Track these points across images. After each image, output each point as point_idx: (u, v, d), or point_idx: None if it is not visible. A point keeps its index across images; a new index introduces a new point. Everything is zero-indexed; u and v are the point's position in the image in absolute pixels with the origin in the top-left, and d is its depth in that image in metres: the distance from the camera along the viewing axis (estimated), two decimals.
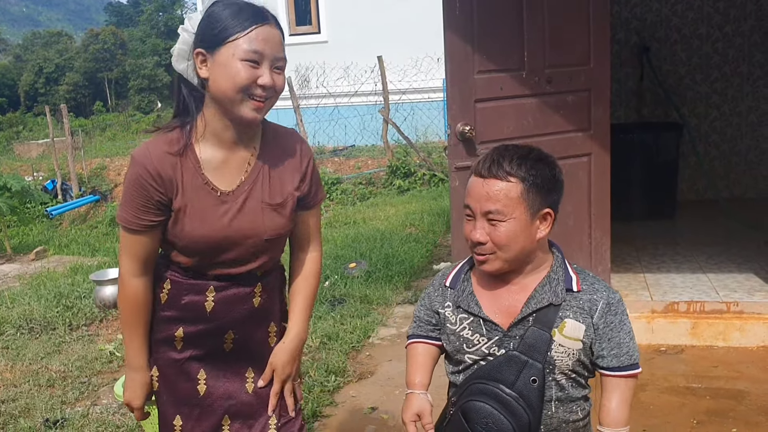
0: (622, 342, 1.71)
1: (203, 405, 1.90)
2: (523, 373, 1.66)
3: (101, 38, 40.93)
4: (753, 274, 4.50)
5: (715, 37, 6.56)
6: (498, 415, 1.64)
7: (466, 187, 1.76)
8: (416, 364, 1.86)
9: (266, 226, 1.81)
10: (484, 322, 1.72)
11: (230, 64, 1.66)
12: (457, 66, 3.52)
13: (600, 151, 3.80)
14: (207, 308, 1.84)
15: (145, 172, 1.73)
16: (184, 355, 1.88)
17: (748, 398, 3.38)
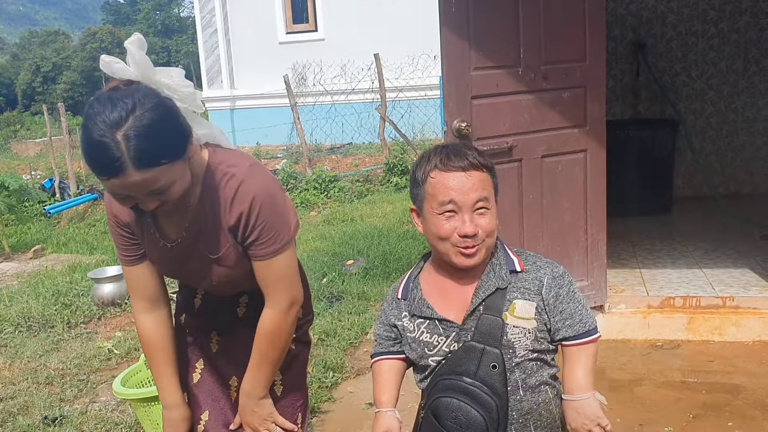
0: (573, 311, 1.75)
1: (191, 393, 1.98)
2: (483, 361, 1.67)
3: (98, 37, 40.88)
4: (748, 269, 4.51)
5: (711, 33, 6.58)
6: (466, 406, 1.65)
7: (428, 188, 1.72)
8: (382, 382, 1.86)
9: (213, 274, 1.80)
10: (439, 322, 1.75)
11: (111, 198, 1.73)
12: (453, 63, 3.53)
13: (596, 147, 3.81)
14: (195, 304, 1.97)
15: (110, 215, 1.83)
16: (189, 339, 2.01)
17: (743, 392, 3.40)
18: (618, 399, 3.40)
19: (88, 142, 1.48)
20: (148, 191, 1.53)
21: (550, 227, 3.82)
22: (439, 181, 1.69)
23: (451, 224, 1.69)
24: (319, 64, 13.92)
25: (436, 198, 1.69)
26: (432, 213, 1.71)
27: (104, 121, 1.45)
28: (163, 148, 1.50)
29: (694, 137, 6.67)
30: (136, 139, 1.45)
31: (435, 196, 1.69)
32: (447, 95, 3.57)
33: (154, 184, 1.52)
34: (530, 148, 3.70)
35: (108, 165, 1.46)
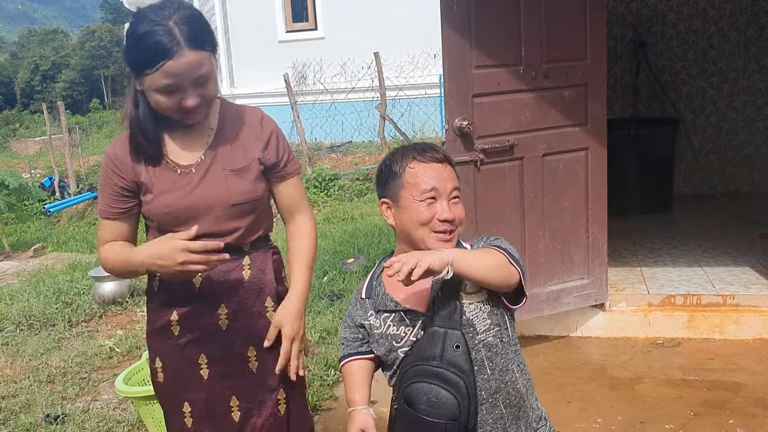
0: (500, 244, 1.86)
1: (208, 389, 1.92)
2: (446, 344, 1.72)
3: (97, 35, 40.86)
4: (749, 267, 4.52)
5: (711, 32, 6.58)
6: (436, 388, 1.69)
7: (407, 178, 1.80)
8: (353, 382, 1.89)
9: (231, 191, 1.85)
10: (405, 313, 1.80)
11: (151, 94, 1.75)
12: (454, 61, 3.53)
13: (597, 145, 3.82)
14: (195, 284, 1.89)
15: (108, 161, 1.86)
16: (182, 341, 1.91)
17: (744, 390, 3.40)
18: (619, 397, 3.41)
19: (141, 33, 1.68)
20: (195, 77, 1.71)
21: (551, 225, 3.83)
22: (419, 170, 1.79)
23: (431, 210, 1.77)
24: (319, 63, 13.92)
25: (418, 186, 1.78)
26: (412, 200, 1.79)
27: (155, 14, 1.68)
28: (207, 35, 1.74)
29: (694, 136, 6.68)
30: (185, 24, 1.69)
31: (416, 184, 1.79)
32: (448, 93, 3.57)
33: (200, 69, 1.71)
34: (531, 147, 3.71)
35: (164, 47, 1.66)
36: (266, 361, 1.95)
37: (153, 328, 1.94)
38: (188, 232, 1.76)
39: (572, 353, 3.93)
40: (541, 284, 3.84)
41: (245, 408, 1.94)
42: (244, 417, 1.94)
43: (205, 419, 1.93)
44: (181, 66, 1.68)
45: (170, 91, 1.72)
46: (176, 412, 1.94)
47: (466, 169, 3.62)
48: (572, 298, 3.96)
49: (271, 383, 1.95)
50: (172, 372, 1.93)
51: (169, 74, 1.68)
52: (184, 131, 1.87)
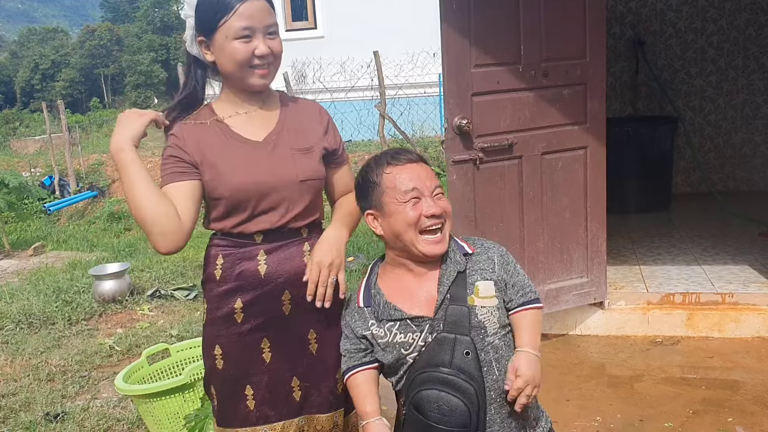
0: (523, 283, 1.88)
1: (271, 371, 1.96)
2: (456, 350, 1.74)
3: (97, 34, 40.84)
4: (747, 265, 4.53)
5: (710, 30, 6.59)
6: (446, 395, 1.70)
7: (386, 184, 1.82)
8: (361, 394, 1.88)
9: (298, 168, 1.91)
10: (411, 320, 1.80)
11: (227, 45, 1.82)
12: (453, 60, 3.53)
13: (596, 144, 3.82)
14: (261, 272, 1.91)
15: (172, 137, 1.88)
16: (245, 327, 1.93)
17: (743, 388, 3.41)
18: (618, 395, 3.42)
19: None
20: (267, 24, 1.83)
21: (550, 224, 3.84)
22: (396, 174, 1.82)
23: (416, 209, 1.79)
24: (318, 62, 13.91)
25: (399, 189, 1.80)
26: (396, 203, 1.80)
27: None
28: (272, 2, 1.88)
29: (693, 134, 6.69)
30: None
31: (397, 187, 1.81)
32: (447, 92, 3.57)
33: (271, 17, 1.84)
34: (531, 145, 3.71)
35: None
36: (326, 342, 1.99)
37: (215, 317, 1.95)
38: None
39: (571, 351, 3.93)
40: (539, 282, 3.85)
41: (305, 388, 1.99)
42: (304, 396, 1.99)
43: (268, 401, 1.96)
44: (255, 8, 1.80)
45: (246, 36, 1.80)
46: (237, 397, 1.96)
47: (465, 168, 3.62)
48: (571, 296, 3.97)
49: (330, 364, 1.99)
50: (233, 358, 1.95)
51: (245, 16, 1.79)
52: (247, 115, 1.93)
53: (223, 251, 1.93)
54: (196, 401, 2.94)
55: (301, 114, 2.00)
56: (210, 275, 1.96)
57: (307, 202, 1.94)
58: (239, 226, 1.90)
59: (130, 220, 11.11)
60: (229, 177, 1.85)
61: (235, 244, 1.92)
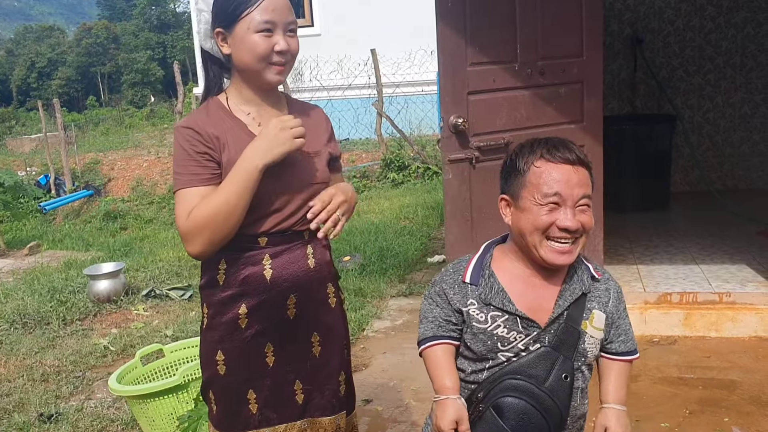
0: (628, 329, 1.81)
1: (274, 375, 1.93)
2: (555, 370, 1.67)
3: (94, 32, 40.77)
4: (745, 265, 4.52)
5: (708, 28, 6.57)
6: (534, 411, 1.64)
7: (530, 177, 1.68)
8: (443, 366, 1.74)
9: (312, 170, 1.92)
10: (521, 319, 1.69)
11: (247, 38, 1.81)
12: (450, 58, 3.51)
13: (593, 142, 3.80)
14: (266, 276, 1.87)
15: (188, 131, 1.83)
16: (249, 333, 1.90)
17: (740, 388, 3.40)
18: None
19: None
20: (288, 21, 1.83)
21: None
22: (545, 171, 1.66)
23: (551, 216, 1.65)
24: (315, 60, 13.89)
25: (540, 189, 1.65)
26: (533, 202, 1.66)
27: None
28: None
29: (692, 133, 6.67)
30: None
31: (539, 186, 1.66)
32: (444, 91, 3.55)
33: (291, 14, 1.85)
34: None
35: None
36: (329, 345, 1.98)
37: (218, 322, 1.91)
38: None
39: None
40: None
41: (308, 390, 1.97)
42: (306, 399, 1.98)
43: (270, 404, 1.95)
44: (278, 3, 1.82)
45: (267, 29, 1.80)
46: (239, 401, 1.94)
47: (461, 167, 3.60)
48: None
49: (332, 367, 1.99)
50: (236, 364, 1.92)
51: (269, 9, 1.80)
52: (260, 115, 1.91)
53: (225, 255, 1.86)
54: (190, 402, 2.92)
55: (310, 118, 2.00)
56: (211, 280, 1.91)
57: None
58: (246, 227, 1.85)
59: (126, 220, 11.10)
60: None
61: (239, 247, 1.86)
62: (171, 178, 12.22)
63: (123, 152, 14.80)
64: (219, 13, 1.85)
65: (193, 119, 1.88)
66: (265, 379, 1.93)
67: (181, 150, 1.83)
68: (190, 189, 1.81)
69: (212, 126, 1.85)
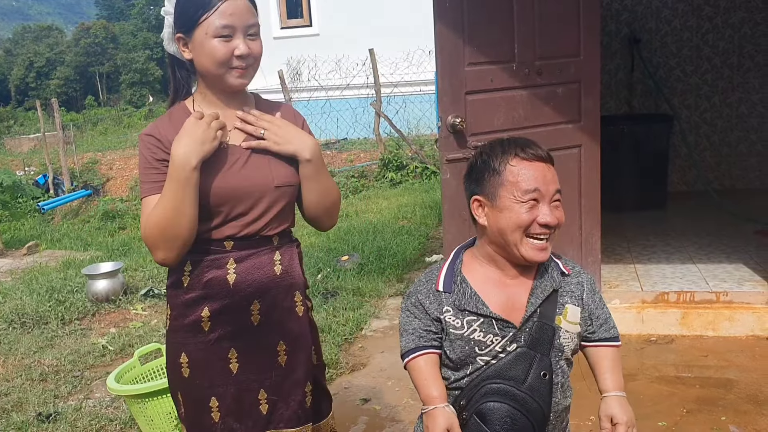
0: (607, 317, 1.83)
1: (238, 382, 1.91)
2: (534, 369, 1.68)
3: (92, 32, 40.69)
4: (742, 264, 4.53)
5: (706, 28, 6.58)
6: (517, 413, 1.65)
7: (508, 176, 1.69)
8: (428, 377, 1.75)
9: (273, 174, 1.87)
10: (496, 321, 1.70)
11: (206, 43, 1.79)
12: (447, 58, 3.52)
13: (590, 142, 3.81)
14: (230, 281, 1.86)
15: (151, 139, 1.85)
16: (212, 336, 1.89)
17: (737, 387, 3.41)
18: None
19: None
20: (248, 25, 1.80)
21: None
22: (521, 169, 1.69)
23: (532, 213, 1.68)
24: (313, 60, 13.90)
25: (520, 186, 1.68)
26: (513, 200, 1.68)
27: None
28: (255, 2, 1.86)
29: (689, 132, 6.68)
30: None
31: (518, 184, 1.68)
32: (441, 91, 3.56)
33: (252, 17, 1.82)
34: None
35: None
36: (295, 355, 1.95)
37: (180, 324, 1.91)
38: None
39: None
40: None
41: (272, 401, 1.94)
42: (271, 410, 1.94)
43: (233, 413, 1.92)
44: (237, 7, 1.79)
45: (226, 35, 1.78)
46: (202, 408, 1.92)
47: (459, 167, 3.61)
48: None
49: (298, 376, 1.96)
50: (199, 367, 1.91)
51: (227, 14, 1.77)
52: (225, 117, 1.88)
53: (191, 257, 1.86)
54: None
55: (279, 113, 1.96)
56: (176, 281, 1.90)
57: (280, 208, 1.89)
58: (210, 231, 1.85)
59: (124, 219, 11.09)
60: (203, 181, 1.80)
61: (204, 250, 1.86)
62: None
63: (121, 152, 14.79)
64: (179, 18, 1.83)
65: (154, 126, 1.88)
66: (229, 386, 1.90)
67: (142, 158, 1.85)
68: (152, 197, 1.82)
69: (173, 132, 1.82)
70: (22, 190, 10.57)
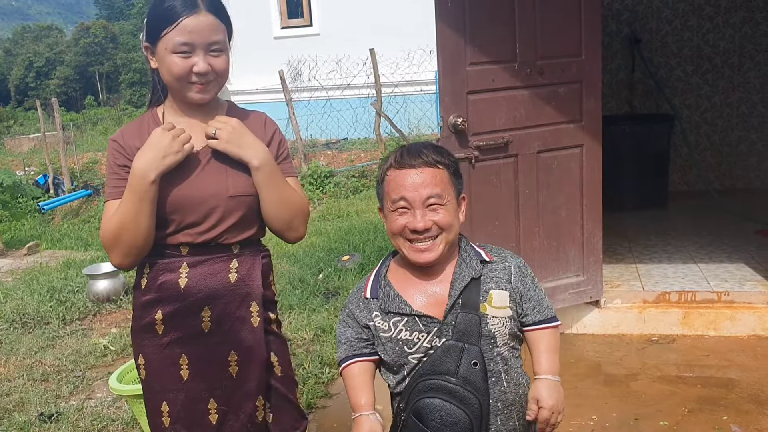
0: (540, 298, 1.83)
1: (187, 390, 1.92)
2: (463, 359, 1.70)
3: (92, 32, 40.71)
4: (743, 263, 4.53)
5: (706, 28, 6.59)
6: (449, 405, 1.66)
7: (385, 186, 1.80)
8: (357, 385, 1.80)
9: (229, 183, 1.87)
10: (419, 318, 1.75)
11: (166, 57, 1.81)
12: (449, 58, 3.52)
13: (591, 142, 3.81)
14: (181, 285, 1.88)
15: (115, 144, 1.89)
16: (165, 340, 1.90)
17: (738, 386, 3.41)
18: (613, 393, 3.41)
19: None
20: (209, 42, 1.80)
21: (546, 222, 3.83)
22: (393, 179, 1.76)
23: (403, 220, 1.74)
24: (314, 59, 13.88)
25: (390, 195, 1.76)
26: (388, 209, 1.78)
27: None
28: (224, 11, 1.87)
29: (690, 132, 6.68)
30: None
31: (389, 193, 1.77)
32: (443, 90, 3.56)
33: (215, 34, 1.81)
34: (526, 144, 3.70)
35: (184, 3, 1.77)
36: (247, 366, 1.94)
37: (138, 325, 1.94)
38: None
39: (567, 350, 3.92)
40: None
41: (222, 411, 1.93)
42: (221, 420, 1.94)
43: (182, 420, 1.92)
44: (198, 24, 1.78)
45: (185, 51, 1.78)
46: (155, 411, 1.95)
47: (461, 167, 3.60)
48: (567, 295, 3.96)
49: (249, 389, 1.94)
50: (153, 370, 1.93)
51: (186, 31, 1.77)
52: (189, 125, 1.89)
53: (150, 260, 1.90)
54: None
55: (248, 122, 1.94)
56: (137, 283, 1.95)
57: (237, 217, 1.88)
58: (166, 237, 1.87)
59: None
60: (160, 188, 1.81)
61: (162, 254, 1.89)
62: None
63: None
64: (147, 28, 1.85)
65: (120, 131, 1.92)
66: (179, 392, 1.92)
67: (108, 162, 1.91)
68: (112, 201, 1.86)
69: (138, 138, 1.86)
70: (22, 190, 10.56)
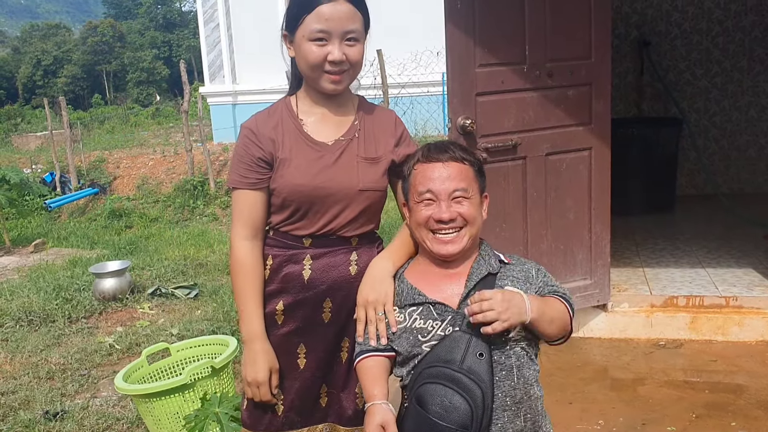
0: (558, 288, 1.86)
1: (303, 378, 1.97)
2: (470, 350, 1.70)
3: (100, 31, 40.86)
4: (752, 268, 4.50)
5: (716, 32, 6.56)
6: (450, 392, 1.66)
7: (412, 180, 1.86)
8: (371, 376, 1.82)
9: (360, 177, 1.90)
10: (433, 306, 1.78)
11: (303, 45, 1.83)
12: (458, 59, 3.51)
13: (601, 145, 3.80)
14: (305, 276, 1.92)
15: (248, 132, 1.90)
16: (285, 330, 1.95)
17: (746, 392, 3.39)
18: (621, 398, 3.39)
19: None
20: (345, 30, 1.80)
21: (554, 225, 3.81)
22: (420, 172, 1.83)
23: (428, 211, 1.80)
24: None
25: (417, 188, 1.82)
26: (414, 201, 1.83)
27: None
28: (363, 2, 1.86)
29: (698, 136, 6.66)
30: None
31: (416, 186, 1.83)
32: (451, 92, 3.55)
33: (351, 23, 1.81)
34: (535, 146, 3.69)
35: None
36: None
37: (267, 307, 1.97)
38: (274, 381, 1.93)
39: (574, 354, 3.91)
40: None
41: (332, 394, 1.99)
42: (330, 402, 2.00)
43: (296, 407, 1.97)
44: (335, 12, 1.79)
45: (321, 38, 1.80)
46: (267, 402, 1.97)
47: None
48: (574, 298, 3.93)
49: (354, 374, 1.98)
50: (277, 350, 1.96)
51: (323, 17, 1.78)
52: (322, 115, 1.93)
53: (273, 252, 1.94)
54: (196, 401, 2.92)
55: (376, 123, 1.99)
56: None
57: (361, 211, 1.92)
58: (289, 225, 1.91)
59: (131, 218, 11.12)
60: (290, 176, 1.86)
61: (285, 245, 1.93)
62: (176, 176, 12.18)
63: (128, 150, 14.82)
64: (286, 17, 1.89)
65: (254, 119, 1.93)
66: (294, 381, 1.97)
67: (237, 148, 1.92)
68: (240, 191, 1.91)
69: (271, 127, 1.89)
70: (29, 187, 10.58)
